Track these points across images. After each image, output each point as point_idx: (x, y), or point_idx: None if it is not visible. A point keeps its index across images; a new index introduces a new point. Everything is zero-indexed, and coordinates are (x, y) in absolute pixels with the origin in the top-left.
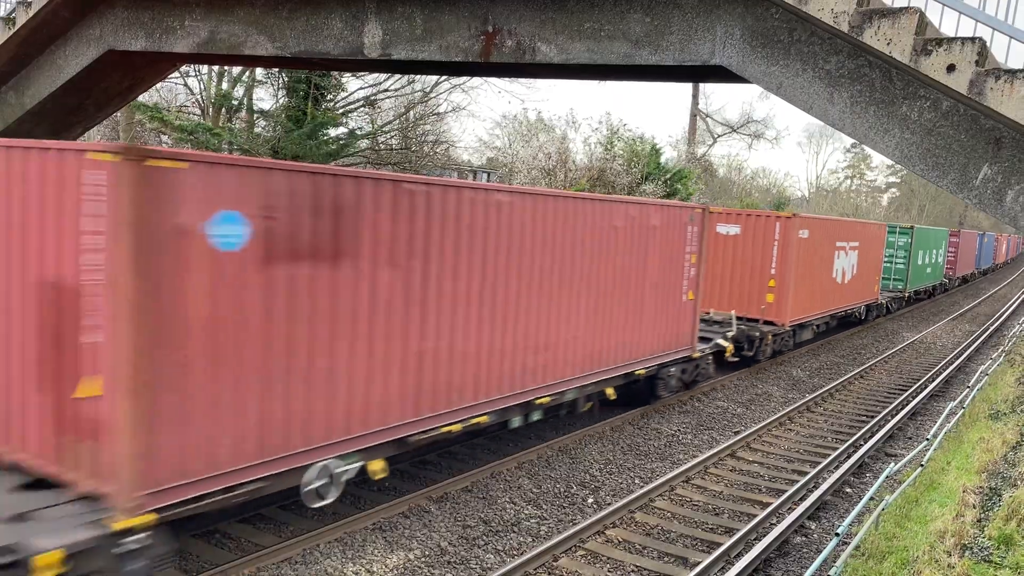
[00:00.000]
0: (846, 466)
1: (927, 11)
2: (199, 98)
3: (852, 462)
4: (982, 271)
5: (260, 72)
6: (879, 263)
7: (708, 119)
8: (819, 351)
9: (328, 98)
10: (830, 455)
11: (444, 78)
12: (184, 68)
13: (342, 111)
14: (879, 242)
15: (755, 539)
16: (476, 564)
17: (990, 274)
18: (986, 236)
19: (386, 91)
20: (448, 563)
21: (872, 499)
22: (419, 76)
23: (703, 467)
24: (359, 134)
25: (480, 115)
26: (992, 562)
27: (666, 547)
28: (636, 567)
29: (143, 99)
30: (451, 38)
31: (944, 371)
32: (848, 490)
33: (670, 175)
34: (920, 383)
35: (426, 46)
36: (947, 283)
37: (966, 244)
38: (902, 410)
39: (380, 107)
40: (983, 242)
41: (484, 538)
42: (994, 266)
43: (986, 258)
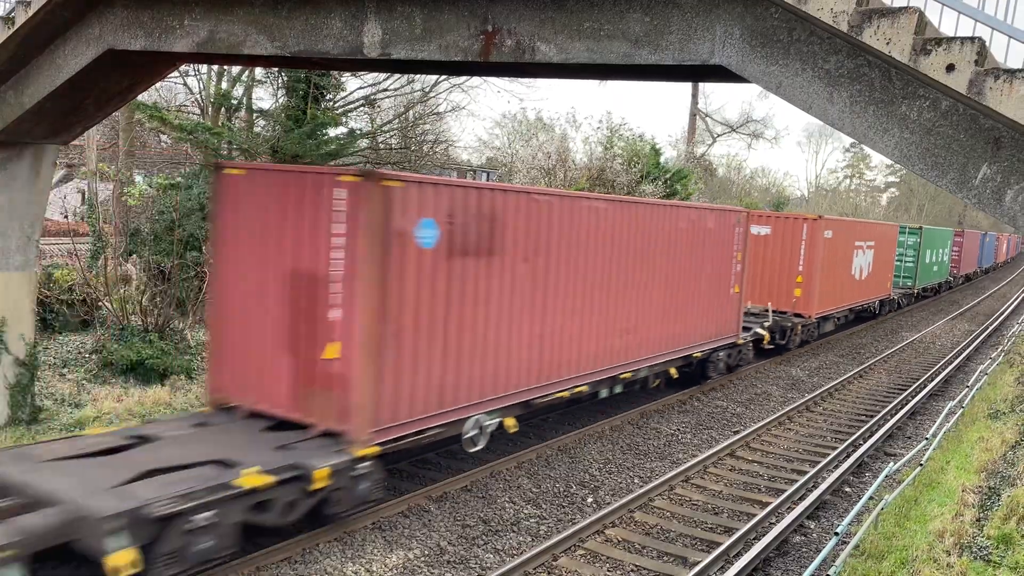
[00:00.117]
0: (845, 466)
1: (926, 11)
2: (198, 97)
3: (851, 461)
4: (984, 270)
5: (259, 72)
6: (891, 261)
7: (707, 118)
8: (818, 350)
9: (328, 98)
10: (829, 455)
11: (444, 78)
12: (183, 67)
13: (341, 111)
14: (892, 242)
15: (754, 538)
16: (475, 563)
17: (991, 273)
18: (988, 236)
19: (385, 91)
20: (447, 562)
21: (871, 498)
22: (419, 76)
23: (702, 467)
24: (359, 134)
25: (480, 114)
26: (991, 561)
27: (665, 546)
28: (635, 566)
29: (143, 98)
30: (451, 37)
31: (943, 371)
32: (847, 489)
33: (670, 175)
34: (920, 382)
35: (426, 45)
36: (952, 281)
37: (969, 244)
38: (901, 409)
39: (380, 106)
40: (985, 242)
41: (483, 537)
42: (995, 265)
43: (988, 257)
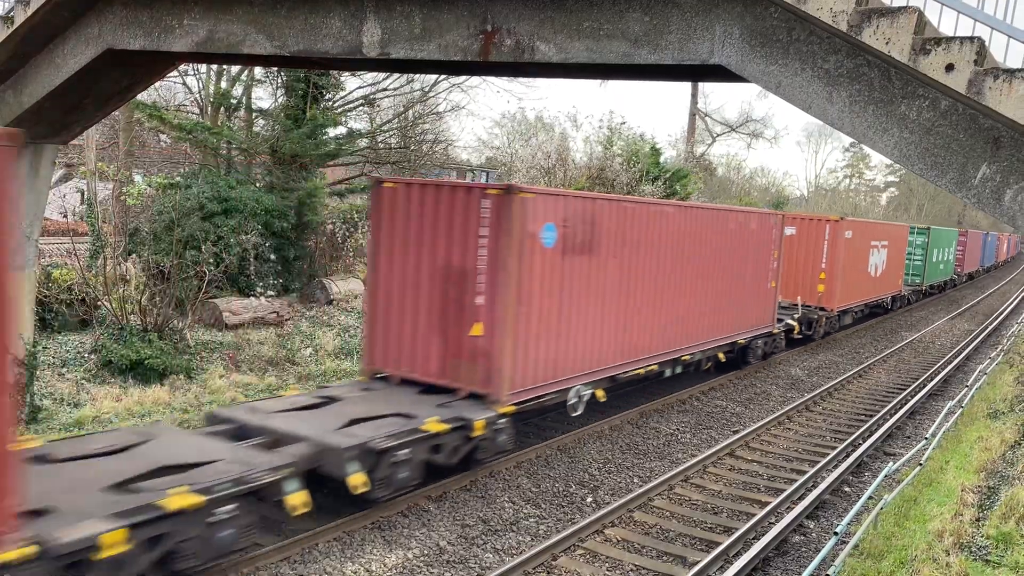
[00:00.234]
0: (845, 465)
1: (926, 10)
2: (198, 97)
3: (851, 461)
4: (986, 268)
5: (259, 71)
6: (903, 260)
7: (707, 118)
8: (818, 350)
9: (327, 97)
10: (829, 454)
11: (443, 77)
12: (183, 67)
13: (341, 110)
14: (903, 241)
15: (754, 538)
16: (475, 563)
17: (992, 271)
18: (989, 236)
19: (385, 90)
20: (447, 562)
21: (871, 498)
22: (418, 75)
23: (702, 466)
24: (358, 134)
25: (479, 114)
26: (990, 561)
27: (665, 546)
28: (635, 566)
29: (142, 98)
30: (450, 37)
31: (943, 370)
32: (847, 489)
33: (669, 174)
34: (919, 382)
35: (425, 45)
36: (956, 279)
37: (973, 243)
38: (901, 409)
39: (379, 106)
40: (987, 241)
41: (483, 537)
42: (996, 264)
43: (989, 256)
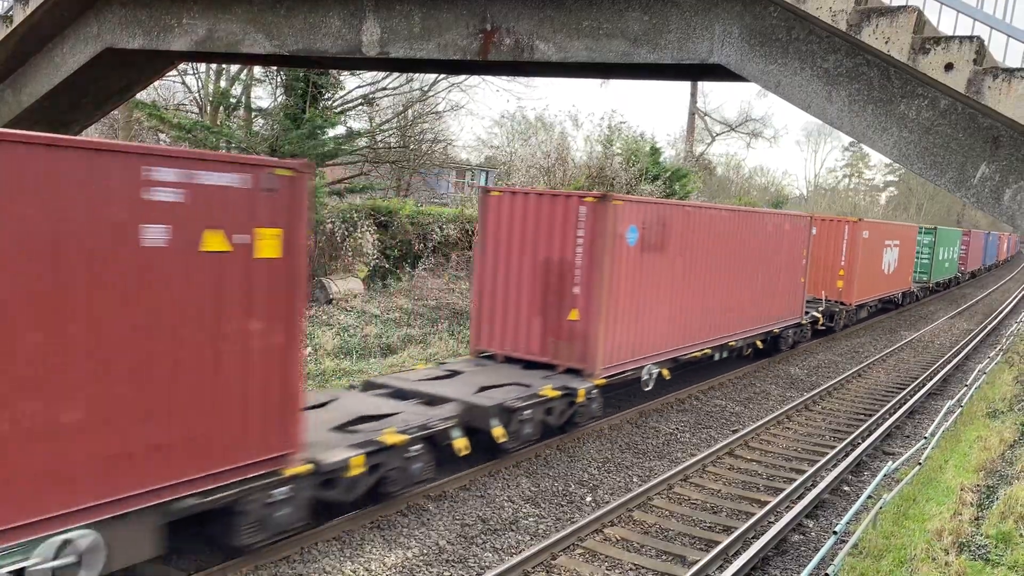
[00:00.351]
0: (844, 464)
1: (925, 10)
2: (197, 96)
3: (850, 460)
4: (987, 267)
5: (258, 70)
6: (912, 258)
7: (707, 117)
8: (817, 349)
9: (326, 96)
10: (828, 453)
11: (443, 77)
12: (182, 66)
13: (340, 109)
14: (912, 240)
15: (753, 537)
16: (474, 563)
17: (993, 270)
18: (990, 235)
19: (384, 90)
20: (446, 562)
21: (870, 497)
22: (418, 75)
23: (701, 466)
24: (357, 134)
25: (479, 113)
26: (990, 560)
27: (664, 545)
28: (634, 565)
29: (141, 97)
30: (449, 36)
31: (942, 370)
32: (846, 488)
33: (668, 174)
34: (918, 381)
35: (424, 44)
36: (960, 276)
37: (975, 243)
38: (900, 408)
39: (378, 105)
40: (988, 240)
41: (482, 537)
42: (997, 262)
43: (990, 255)
